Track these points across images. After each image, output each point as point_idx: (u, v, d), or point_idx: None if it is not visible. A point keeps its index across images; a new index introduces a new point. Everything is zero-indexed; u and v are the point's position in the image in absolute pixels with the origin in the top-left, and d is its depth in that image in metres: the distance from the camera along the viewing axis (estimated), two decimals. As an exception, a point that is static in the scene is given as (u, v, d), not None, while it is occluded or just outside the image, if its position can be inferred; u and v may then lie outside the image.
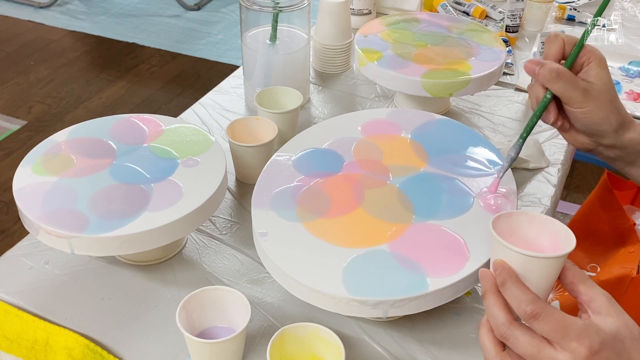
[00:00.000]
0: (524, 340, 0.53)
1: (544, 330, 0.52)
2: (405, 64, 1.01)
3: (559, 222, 0.58)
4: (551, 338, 0.52)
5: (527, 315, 0.53)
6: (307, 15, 1.05)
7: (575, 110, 0.69)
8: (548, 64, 0.68)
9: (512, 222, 0.59)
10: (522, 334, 0.53)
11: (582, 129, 0.71)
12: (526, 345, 0.53)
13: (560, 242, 0.57)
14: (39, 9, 3.27)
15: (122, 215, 0.71)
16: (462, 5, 1.44)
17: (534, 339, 0.53)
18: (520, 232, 0.59)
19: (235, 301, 0.67)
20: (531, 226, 0.59)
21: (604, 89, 0.68)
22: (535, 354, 0.53)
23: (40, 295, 0.75)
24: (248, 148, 0.88)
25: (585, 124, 0.70)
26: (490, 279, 0.57)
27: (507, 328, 0.54)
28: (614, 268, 1.13)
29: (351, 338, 0.71)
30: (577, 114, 0.69)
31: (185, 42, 3.01)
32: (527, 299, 0.53)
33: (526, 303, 0.53)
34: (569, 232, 0.57)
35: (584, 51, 0.69)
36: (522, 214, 0.59)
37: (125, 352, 0.69)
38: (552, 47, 0.70)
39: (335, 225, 0.70)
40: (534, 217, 0.59)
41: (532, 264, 0.54)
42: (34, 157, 0.79)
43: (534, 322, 0.53)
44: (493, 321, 0.55)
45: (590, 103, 0.68)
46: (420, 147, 0.82)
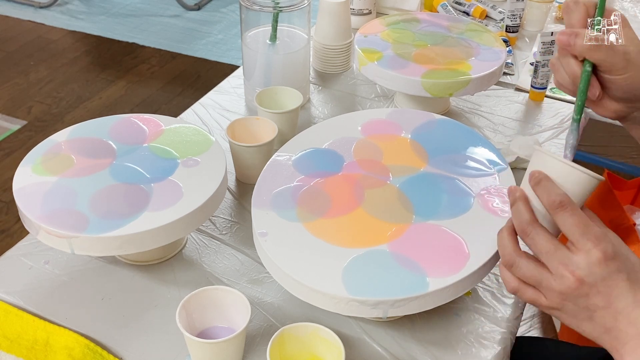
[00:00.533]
0: (543, 237, 0.56)
1: (567, 222, 0.54)
2: (405, 64, 1.01)
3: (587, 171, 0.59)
4: (570, 232, 0.54)
5: (555, 204, 0.55)
6: (307, 15, 1.05)
7: (617, 77, 0.64)
8: (584, 32, 0.62)
9: None
10: (542, 231, 0.56)
11: (622, 96, 0.66)
12: (544, 242, 0.55)
13: None
14: (39, 9, 3.27)
15: (122, 215, 0.71)
16: (462, 5, 1.44)
17: (552, 240, 0.56)
18: None
19: (235, 301, 0.67)
20: None
21: (638, 49, 0.64)
22: (552, 251, 0.55)
23: (40, 295, 0.75)
24: (248, 148, 0.88)
25: (627, 90, 0.65)
26: (520, 190, 0.59)
27: (529, 224, 0.57)
28: (614, 268, 1.13)
29: (351, 338, 0.71)
30: (619, 80, 0.64)
31: (185, 42, 3.01)
32: (559, 192, 0.56)
33: (557, 194, 0.56)
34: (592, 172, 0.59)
35: (606, 13, 0.64)
36: (555, 158, 0.59)
37: (125, 352, 0.69)
38: (575, 14, 0.64)
39: (335, 225, 0.70)
40: (564, 163, 0.59)
41: (570, 178, 0.57)
42: (34, 157, 0.79)
43: (560, 211, 0.55)
44: (518, 219, 0.58)
45: (631, 67, 0.63)
46: (420, 147, 0.82)
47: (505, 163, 0.79)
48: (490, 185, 0.76)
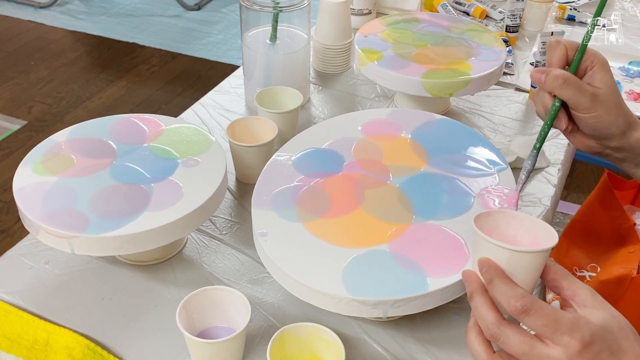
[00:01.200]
0: (515, 339, 0.52)
1: (536, 325, 0.52)
2: (405, 64, 1.01)
3: (538, 219, 0.58)
4: (542, 333, 0.52)
5: (517, 310, 0.52)
6: (307, 15, 1.05)
7: (584, 115, 0.69)
8: (553, 71, 0.68)
9: (491, 221, 0.58)
10: (513, 332, 0.53)
11: (590, 133, 0.71)
12: (518, 344, 0.52)
13: (539, 237, 0.57)
14: (39, 9, 3.27)
15: (122, 215, 0.71)
16: (462, 5, 1.44)
17: (525, 337, 0.52)
18: (499, 231, 0.59)
19: (235, 301, 0.67)
20: (509, 225, 0.59)
21: (610, 92, 0.68)
22: (528, 351, 0.52)
23: (40, 295, 0.75)
24: (248, 148, 0.88)
25: (593, 128, 0.70)
26: (476, 280, 0.57)
27: (497, 327, 0.53)
28: (614, 268, 1.13)
29: (351, 338, 0.71)
30: (586, 119, 0.69)
31: (185, 42, 3.01)
32: (516, 294, 0.53)
33: (516, 299, 0.52)
34: (549, 227, 0.57)
35: (586, 55, 0.69)
36: (500, 213, 0.59)
37: (125, 352, 0.69)
38: (555, 53, 0.69)
39: (335, 225, 0.70)
40: (512, 215, 0.59)
41: (518, 259, 0.54)
42: (34, 157, 0.79)
43: (525, 318, 0.52)
44: (482, 322, 0.55)
45: (598, 108, 0.68)
46: (420, 147, 0.82)
47: (505, 163, 0.79)
48: (491, 185, 0.76)
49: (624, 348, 0.52)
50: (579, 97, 0.67)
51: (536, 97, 0.72)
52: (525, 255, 0.54)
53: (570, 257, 1.43)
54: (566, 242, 1.41)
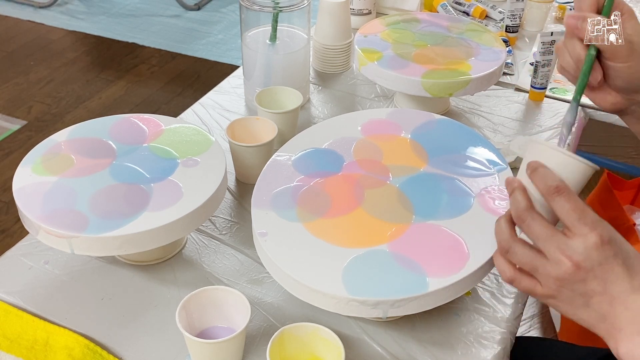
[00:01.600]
0: (539, 223, 0.56)
1: (564, 208, 0.54)
2: (405, 64, 1.01)
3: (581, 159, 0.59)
4: (567, 217, 0.54)
5: (551, 189, 0.55)
6: (307, 15, 1.05)
7: (620, 65, 0.64)
8: (591, 16, 0.63)
9: None
10: (538, 217, 0.56)
11: (621, 85, 0.66)
12: (540, 228, 0.55)
13: None
14: (39, 9, 3.27)
15: (122, 215, 0.71)
16: (462, 5, 1.44)
17: (549, 225, 0.56)
18: None
19: (235, 301, 0.67)
20: None
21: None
22: (549, 237, 0.55)
23: (40, 295, 0.75)
24: (248, 148, 0.88)
25: (628, 80, 0.65)
26: (518, 181, 0.59)
27: (526, 211, 0.57)
28: (614, 268, 1.13)
29: (351, 338, 0.71)
30: (621, 69, 0.64)
31: (185, 42, 3.01)
32: (555, 178, 0.56)
33: (553, 179, 0.56)
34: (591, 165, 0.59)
35: (616, 2, 0.64)
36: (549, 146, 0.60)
37: (125, 352, 0.69)
38: (586, 0, 0.64)
39: (335, 225, 0.70)
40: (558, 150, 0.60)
41: (565, 166, 0.57)
42: (34, 157, 0.79)
43: (556, 197, 0.55)
44: (514, 206, 0.58)
45: (635, 57, 0.64)
46: (420, 147, 0.82)
47: (505, 163, 0.79)
48: (490, 185, 0.76)
49: (637, 268, 0.54)
50: (617, 44, 0.63)
51: (563, 48, 0.66)
52: (572, 163, 0.57)
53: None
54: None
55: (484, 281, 0.78)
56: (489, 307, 0.75)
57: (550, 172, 0.57)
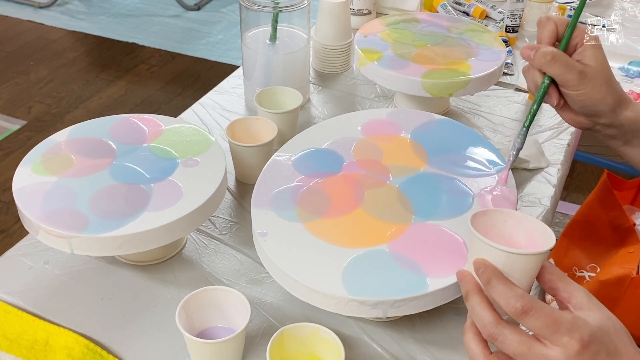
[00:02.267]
0: (514, 339, 0.52)
1: (535, 325, 0.52)
2: (405, 64, 1.01)
3: (536, 220, 0.58)
4: (542, 334, 0.52)
5: (517, 311, 0.52)
6: (307, 15, 1.05)
7: (572, 92, 0.69)
8: (542, 47, 0.68)
9: (487, 220, 0.58)
10: (511, 332, 0.52)
11: (579, 110, 0.71)
12: (516, 344, 0.52)
13: (537, 238, 0.57)
14: (39, 9, 3.27)
15: (122, 215, 0.71)
16: (462, 6, 1.44)
17: (523, 337, 0.52)
18: (495, 230, 0.58)
19: (235, 301, 0.67)
20: (506, 224, 0.59)
21: (599, 69, 0.68)
22: (526, 352, 0.52)
23: (40, 295, 0.75)
24: (248, 148, 0.88)
25: (582, 105, 0.70)
26: (471, 280, 0.56)
27: (495, 327, 0.53)
28: (614, 268, 1.13)
29: (351, 338, 0.71)
30: (574, 96, 0.69)
31: (185, 42, 3.01)
32: (515, 294, 0.52)
33: (515, 299, 0.52)
34: (546, 228, 0.57)
35: (577, 32, 0.68)
36: (497, 212, 0.59)
37: (125, 352, 0.69)
38: (545, 30, 0.69)
39: (335, 225, 0.70)
40: (509, 214, 0.59)
41: (515, 261, 0.54)
42: (33, 157, 0.79)
43: (524, 318, 0.52)
44: (479, 322, 0.54)
45: (587, 85, 0.68)
46: (420, 147, 0.82)
47: (505, 163, 0.79)
48: (490, 185, 0.76)
49: (620, 349, 0.53)
50: (566, 74, 0.67)
51: (527, 74, 0.72)
52: (523, 257, 0.54)
53: (569, 257, 1.43)
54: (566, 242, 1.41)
55: (483, 281, 0.78)
56: (489, 307, 0.75)
57: (508, 287, 0.53)
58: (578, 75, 0.67)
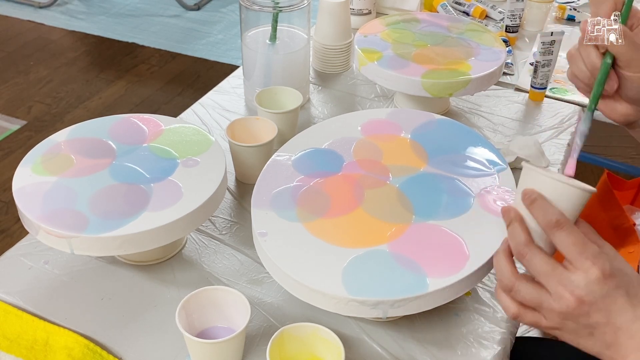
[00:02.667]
0: (540, 258, 0.56)
1: (565, 242, 0.54)
2: (405, 64, 1.01)
3: (575, 180, 0.59)
4: (568, 252, 0.54)
5: (552, 223, 0.55)
6: (307, 15, 1.05)
7: (634, 74, 0.63)
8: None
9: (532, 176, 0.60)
10: (539, 252, 0.56)
11: (634, 97, 0.65)
12: (542, 263, 0.55)
13: None
14: (39, 9, 3.27)
15: (122, 215, 0.71)
16: (462, 5, 1.44)
17: (549, 258, 0.55)
18: None
19: (235, 301, 0.67)
20: None
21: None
22: (550, 271, 0.55)
23: (40, 295, 0.75)
24: (248, 148, 0.88)
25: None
26: (515, 211, 0.59)
27: (525, 246, 0.57)
28: (614, 268, 1.13)
29: (351, 338, 0.71)
30: (635, 78, 0.63)
31: (185, 42, 3.01)
32: (555, 211, 0.56)
33: (553, 213, 0.55)
34: (585, 185, 0.58)
35: (633, 11, 0.64)
36: (545, 172, 0.59)
37: (124, 352, 0.69)
38: (603, 6, 0.63)
39: (335, 225, 0.70)
40: (552, 174, 0.59)
41: (562, 193, 0.57)
42: (33, 157, 0.79)
43: (557, 232, 0.55)
44: (513, 240, 0.58)
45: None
46: (420, 147, 0.82)
47: (505, 163, 0.79)
48: (490, 185, 0.76)
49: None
50: (632, 52, 0.62)
51: (576, 55, 0.65)
52: (570, 191, 0.56)
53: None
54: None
55: (484, 281, 0.78)
56: (489, 307, 0.75)
57: (549, 205, 0.56)
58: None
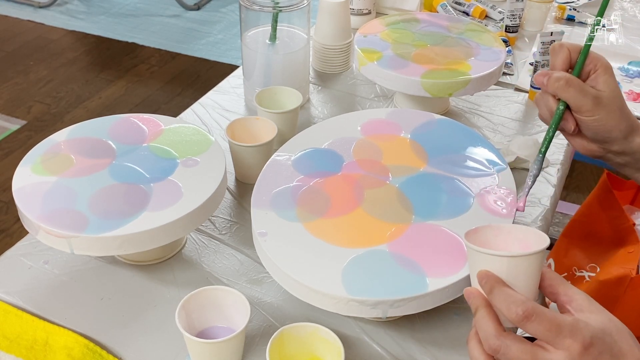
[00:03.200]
0: (516, 349, 0.52)
1: (538, 330, 0.52)
2: (404, 64, 1.01)
3: (525, 227, 0.59)
4: (545, 338, 0.52)
5: (519, 317, 0.52)
6: (306, 15, 1.05)
7: (586, 118, 0.68)
8: (555, 73, 0.68)
9: (479, 237, 0.59)
10: (512, 342, 0.53)
11: (592, 137, 0.71)
12: (519, 353, 0.52)
13: (531, 243, 0.58)
14: (38, 8, 3.27)
15: (122, 215, 0.71)
16: (462, 5, 1.44)
17: (526, 346, 0.52)
18: (488, 246, 0.59)
19: (235, 301, 0.67)
20: (497, 238, 0.60)
21: (612, 95, 0.68)
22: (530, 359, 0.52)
23: (40, 295, 0.75)
24: (248, 148, 0.88)
25: (596, 131, 0.69)
26: (478, 295, 0.57)
27: (497, 339, 0.53)
28: (614, 268, 1.13)
29: (350, 338, 0.71)
30: (588, 122, 0.69)
31: (185, 42, 3.01)
32: (517, 300, 0.53)
33: (516, 305, 0.52)
34: (537, 232, 0.57)
35: (589, 59, 0.69)
36: (487, 228, 0.60)
37: (124, 352, 0.69)
38: (558, 57, 0.69)
39: (335, 225, 0.70)
40: (499, 228, 0.60)
41: (514, 265, 0.54)
42: (33, 157, 0.79)
43: (527, 323, 0.52)
44: (482, 334, 0.55)
45: (601, 110, 0.68)
46: (419, 147, 0.82)
47: (505, 163, 0.79)
48: (490, 185, 0.76)
49: (624, 350, 0.53)
50: (581, 99, 0.67)
51: (539, 100, 0.72)
52: (520, 260, 0.54)
53: (569, 257, 1.43)
54: (565, 242, 1.41)
55: (483, 281, 0.78)
56: (489, 307, 0.75)
57: (508, 293, 0.54)
58: (592, 100, 0.67)
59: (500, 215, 0.71)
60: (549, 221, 0.92)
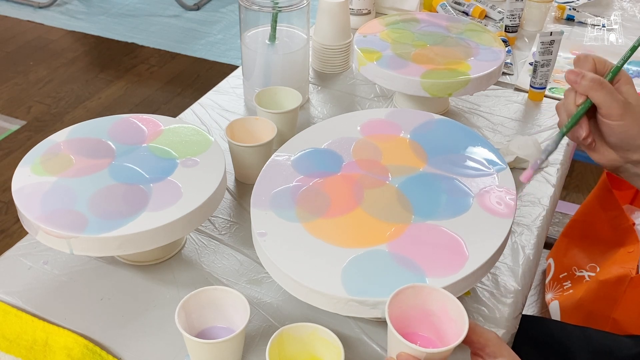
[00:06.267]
0: None
1: None
2: (404, 64, 1.01)
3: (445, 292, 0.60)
4: None
5: None
6: (306, 15, 1.05)
7: (614, 122, 0.69)
8: (590, 73, 0.68)
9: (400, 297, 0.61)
10: None
11: (615, 143, 0.71)
12: None
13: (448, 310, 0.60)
14: (38, 9, 3.27)
15: (122, 216, 0.71)
16: (462, 5, 1.44)
17: None
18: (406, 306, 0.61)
19: (235, 301, 0.67)
20: (417, 298, 0.61)
21: (637, 104, 0.69)
22: None
23: (40, 295, 0.75)
24: (247, 148, 0.88)
25: (621, 137, 0.70)
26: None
27: None
28: (613, 268, 1.14)
29: (350, 338, 0.71)
30: (614, 126, 0.69)
31: (184, 42, 3.01)
32: None
33: None
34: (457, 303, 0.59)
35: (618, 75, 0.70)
36: (409, 288, 0.61)
37: (124, 352, 0.69)
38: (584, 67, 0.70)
39: (334, 225, 0.70)
40: (420, 288, 0.61)
41: (433, 356, 0.56)
42: (33, 157, 0.79)
43: None
44: None
45: (628, 116, 0.68)
46: (419, 147, 0.82)
47: (504, 163, 0.79)
48: (490, 185, 0.76)
49: None
50: (612, 102, 0.67)
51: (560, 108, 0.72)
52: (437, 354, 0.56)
53: (569, 257, 1.43)
54: (565, 241, 1.41)
55: (483, 281, 0.78)
56: (489, 307, 0.75)
57: None
58: (622, 104, 0.68)
59: (499, 215, 0.71)
60: (548, 221, 0.92)
